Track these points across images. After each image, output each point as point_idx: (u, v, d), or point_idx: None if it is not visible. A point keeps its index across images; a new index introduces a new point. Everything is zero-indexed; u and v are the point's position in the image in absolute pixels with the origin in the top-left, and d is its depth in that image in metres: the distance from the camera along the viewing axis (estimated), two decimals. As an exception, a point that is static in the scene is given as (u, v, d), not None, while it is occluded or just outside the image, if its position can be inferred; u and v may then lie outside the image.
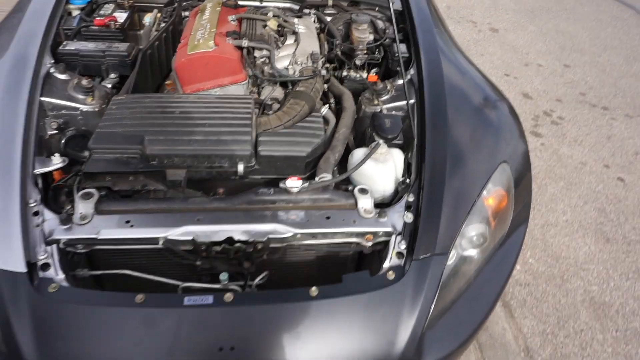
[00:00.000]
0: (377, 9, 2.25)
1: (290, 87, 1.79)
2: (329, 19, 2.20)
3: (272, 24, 1.93)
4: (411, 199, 1.41)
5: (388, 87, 1.80)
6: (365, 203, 1.38)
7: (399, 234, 1.34)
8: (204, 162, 1.46)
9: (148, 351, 1.13)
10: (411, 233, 1.34)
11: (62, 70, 1.66)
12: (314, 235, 1.33)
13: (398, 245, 1.32)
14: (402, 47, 1.96)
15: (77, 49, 1.77)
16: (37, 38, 1.69)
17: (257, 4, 2.22)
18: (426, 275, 1.26)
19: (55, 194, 1.44)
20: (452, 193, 1.42)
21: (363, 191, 1.40)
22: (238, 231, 1.31)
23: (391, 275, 1.26)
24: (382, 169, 1.47)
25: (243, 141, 1.46)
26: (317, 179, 1.44)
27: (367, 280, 1.25)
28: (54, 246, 1.26)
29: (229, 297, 1.19)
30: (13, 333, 1.13)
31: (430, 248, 1.30)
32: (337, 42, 2.01)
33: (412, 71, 1.83)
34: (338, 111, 1.78)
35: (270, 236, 1.31)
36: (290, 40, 1.97)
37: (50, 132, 1.57)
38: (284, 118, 1.56)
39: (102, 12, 1.98)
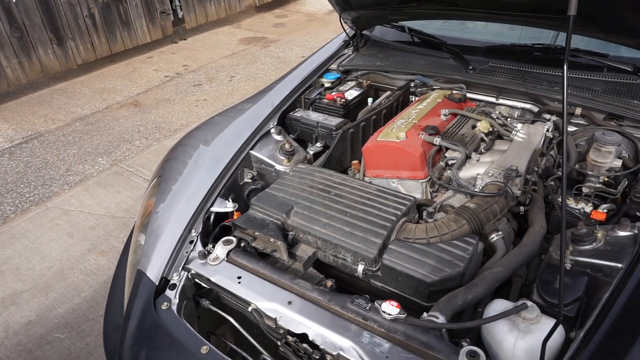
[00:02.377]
0: (649, 129, 1.70)
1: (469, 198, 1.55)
2: (572, 129, 1.81)
3: (483, 125, 1.72)
4: (535, 399, 1.00)
5: (598, 236, 1.33)
6: (467, 372, 1.06)
7: None
8: (331, 250, 1.43)
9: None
10: None
11: (278, 132, 1.95)
12: (385, 378, 1.11)
13: None
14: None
15: (300, 116, 2.04)
16: (274, 103, 2.04)
17: (492, 99, 2.02)
18: None
19: (220, 232, 1.68)
20: None
21: (472, 355, 1.07)
22: (315, 332, 1.22)
23: None
24: (516, 339, 1.10)
25: (371, 242, 1.36)
26: (425, 314, 1.20)
27: None
28: (185, 273, 1.48)
29: (265, 395, 1.12)
30: (127, 324, 1.39)
31: None
32: (558, 159, 1.62)
33: (643, 226, 1.30)
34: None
35: (342, 354, 1.16)
36: (501, 146, 1.72)
37: (245, 180, 1.85)
38: (432, 232, 1.36)
39: (341, 87, 2.21)
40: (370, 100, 2.12)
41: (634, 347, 1.01)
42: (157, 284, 1.45)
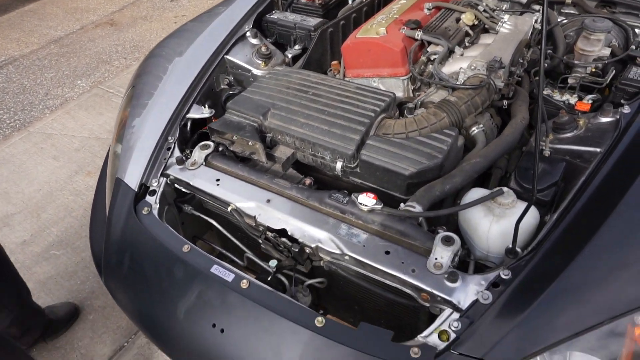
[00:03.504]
0: (641, 15, 1.62)
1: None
2: (561, 19, 1.72)
3: (467, 17, 1.63)
4: (506, 275, 1.02)
5: (580, 123, 1.31)
6: (442, 255, 1.08)
7: (459, 310, 1.00)
8: (310, 149, 1.41)
9: (169, 294, 1.22)
10: (476, 318, 0.98)
11: (254, 35, 1.85)
12: (363, 265, 1.14)
13: (450, 323, 0.99)
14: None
15: (277, 18, 1.92)
16: (248, 5, 1.91)
17: (479, -7, 1.90)
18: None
19: (198, 139, 1.65)
20: (576, 292, 0.96)
21: (447, 240, 1.09)
22: (294, 226, 1.23)
23: (415, 354, 0.97)
24: (490, 223, 1.11)
25: (349, 139, 1.34)
26: (402, 205, 1.20)
27: (382, 342, 1.00)
28: (164, 179, 1.46)
29: (245, 283, 1.15)
30: (110, 229, 1.41)
31: (485, 349, 0.93)
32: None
33: (626, 109, 1.27)
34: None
35: (320, 245, 1.18)
36: (486, 39, 1.64)
37: (222, 87, 1.79)
38: (411, 127, 1.33)
39: (320, -14, 2.07)
40: (350, -3, 2.00)
41: (605, 224, 1.02)
42: (136, 190, 1.44)
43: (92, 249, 1.52)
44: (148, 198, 1.43)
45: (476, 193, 1.19)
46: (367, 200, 1.18)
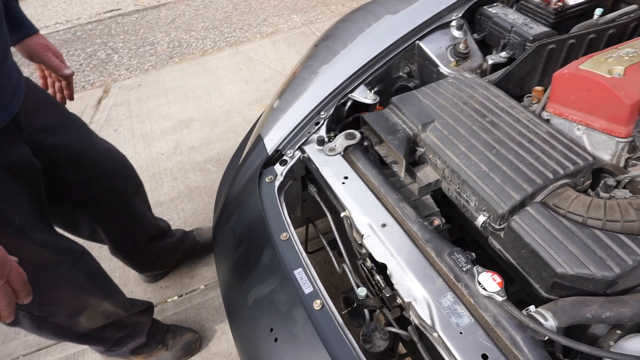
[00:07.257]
0: None
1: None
2: None
3: None
4: None
5: None
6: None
7: None
8: (457, 185, 1.17)
9: (249, 274, 1.19)
10: None
11: (459, 27, 1.59)
12: (448, 353, 0.92)
13: None
14: None
15: (495, 14, 1.61)
16: (461, -7, 1.64)
17: None
18: None
19: (352, 122, 1.53)
20: None
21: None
22: (395, 267, 1.06)
23: None
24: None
25: (507, 195, 1.06)
26: (532, 308, 0.92)
27: None
28: (300, 154, 1.40)
29: (317, 304, 1.05)
30: (234, 181, 1.42)
31: None
32: None
33: None
34: None
35: (412, 304, 0.99)
36: None
37: (400, 73, 1.61)
38: (595, 212, 0.99)
39: (568, -12, 1.66)
40: (599, 11, 1.56)
41: None
42: (269, 154, 1.41)
43: (219, 187, 1.58)
44: (277, 167, 1.39)
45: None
46: (489, 283, 0.93)
